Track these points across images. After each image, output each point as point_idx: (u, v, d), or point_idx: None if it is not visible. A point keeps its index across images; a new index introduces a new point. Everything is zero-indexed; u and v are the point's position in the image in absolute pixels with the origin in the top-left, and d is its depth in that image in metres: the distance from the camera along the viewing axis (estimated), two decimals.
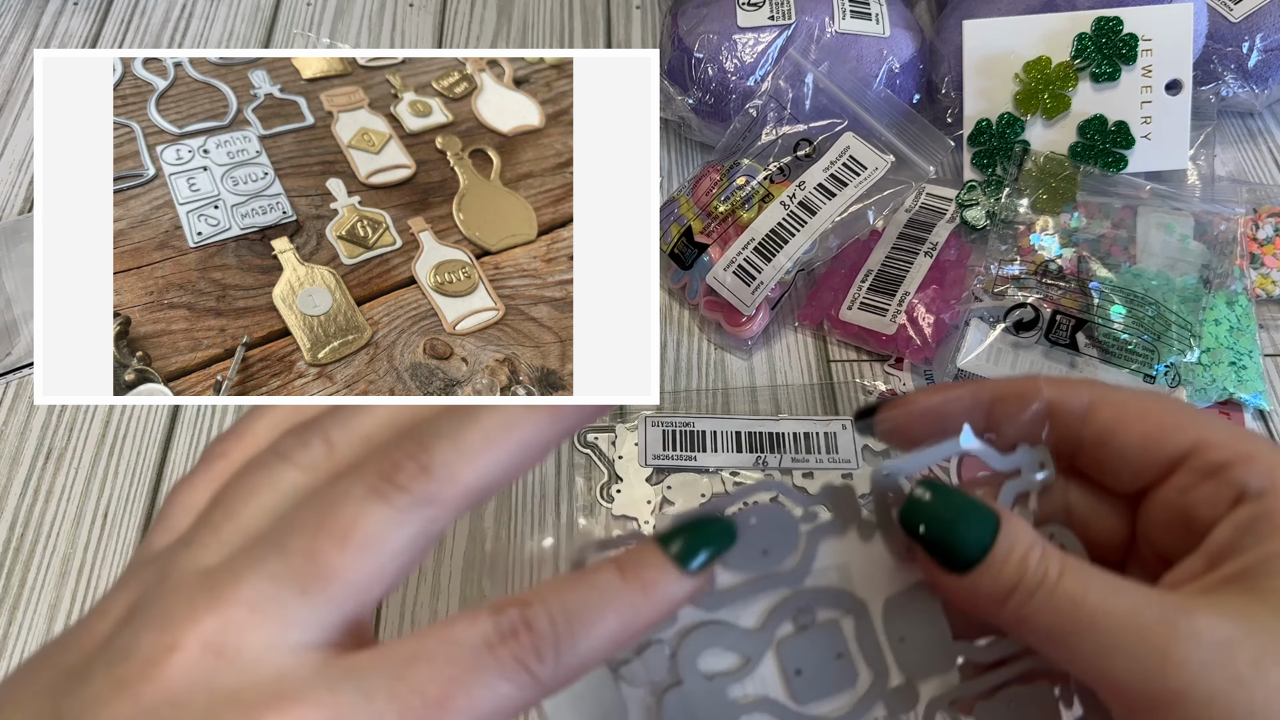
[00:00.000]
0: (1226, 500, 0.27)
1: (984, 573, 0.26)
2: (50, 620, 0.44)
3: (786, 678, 0.29)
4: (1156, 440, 0.28)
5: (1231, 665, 0.23)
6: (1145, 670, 0.24)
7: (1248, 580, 0.25)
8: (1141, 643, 0.24)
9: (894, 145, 0.53)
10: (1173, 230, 0.53)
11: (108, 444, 0.49)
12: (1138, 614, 0.24)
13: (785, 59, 0.57)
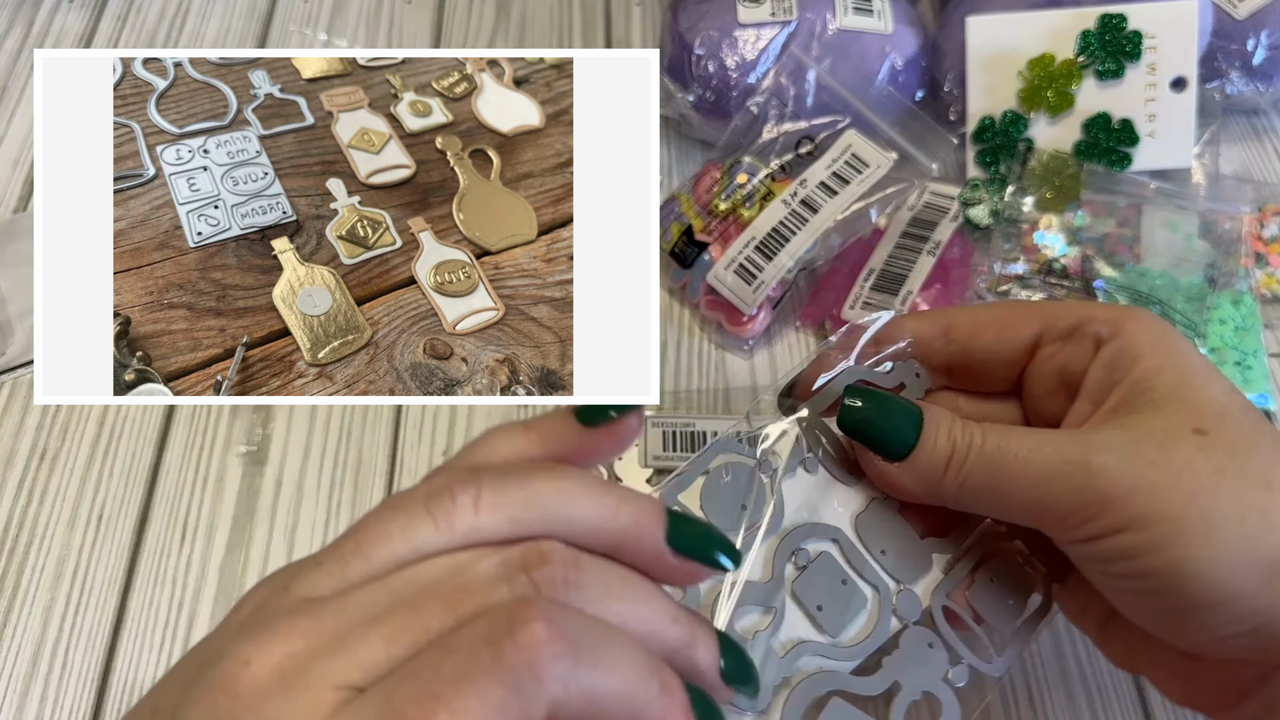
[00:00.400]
0: (1088, 351, 0.31)
1: (921, 453, 0.30)
2: (44, 622, 0.43)
3: (811, 616, 0.31)
4: (1008, 333, 0.32)
5: (1143, 455, 0.27)
6: (1074, 486, 0.27)
7: (1130, 401, 0.29)
8: (1065, 465, 0.28)
9: (897, 143, 0.53)
10: (1178, 229, 0.53)
11: (102, 445, 0.49)
12: (1057, 447, 0.28)
13: (787, 56, 0.57)
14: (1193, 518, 0.26)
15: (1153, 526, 0.27)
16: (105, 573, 0.45)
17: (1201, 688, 0.31)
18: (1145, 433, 0.28)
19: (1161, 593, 0.28)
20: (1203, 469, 0.27)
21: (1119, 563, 0.28)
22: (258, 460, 0.48)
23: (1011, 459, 0.29)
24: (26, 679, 0.42)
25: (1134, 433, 0.28)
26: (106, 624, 0.44)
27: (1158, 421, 0.28)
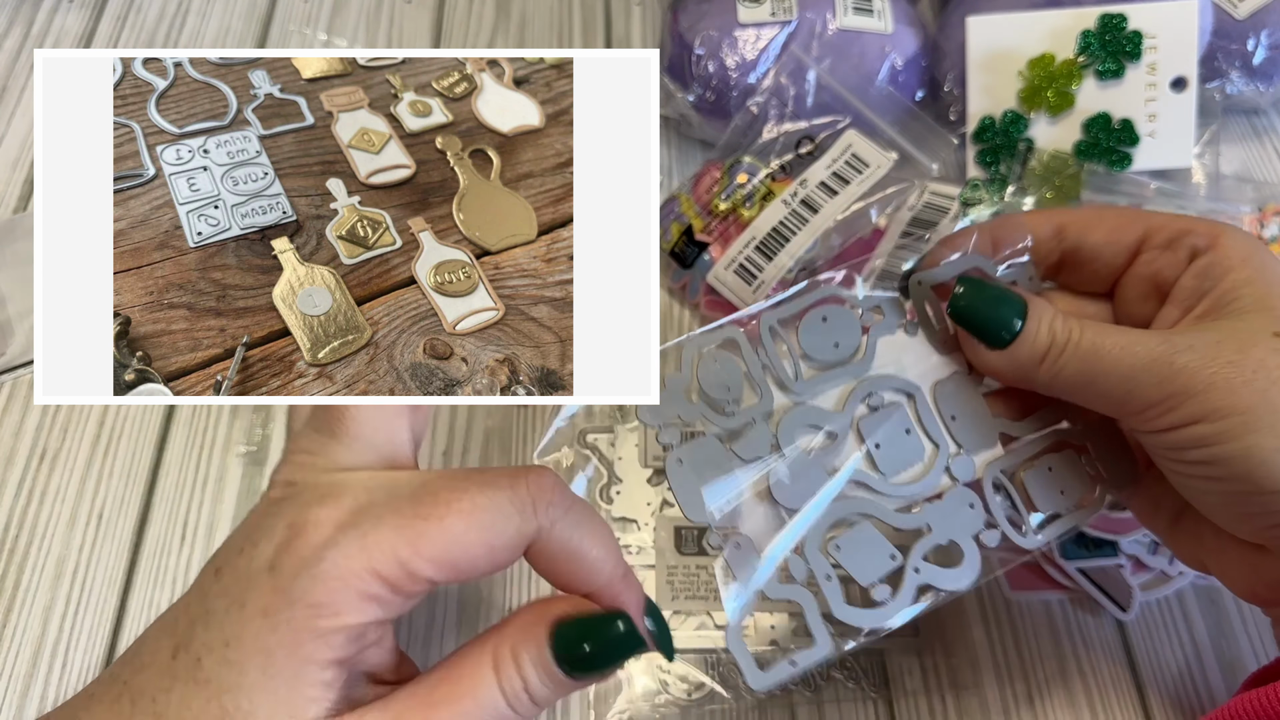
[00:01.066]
0: (1182, 261, 0.33)
1: (1022, 343, 0.33)
2: (44, 622, 0.43)
3: (868, 451, 0.35)
4: (1116, 235, 0.35)
5: (1222, 355, 0.30)
6: (1158, 380, 0.30)
7: (1216, 309, 0.32)
8: (1152, 362, 0.30)
9: (897, 143, 0.53)
10: None
11: (102, 445, 0.49)
12: (1146, 346, 0.31)
13: (787, 55, 0.57)
14: (1263, 410, 0.29)
15: (1227, 418, 0.29)
16: (105, 572, 0.45)
17: (1263, 578, 0.33)
18: (1228, 335, 0.31)
19: (1231, 479, 0.30)
20: (1277, 368, 0.30)
21: (1194, 450, 0.31)
22: (258, 460, 0.48)
23: (1105, 354, 0.31)
24: (27, 678, 0.42)
25: (1217, 335, 0.31)
26: (106, 624, 0.44)
27: (1240, 324, 0.31)
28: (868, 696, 0.42)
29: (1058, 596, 0.44)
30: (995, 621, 0.44)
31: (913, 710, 0.42)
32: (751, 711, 0.41)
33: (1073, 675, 0.42)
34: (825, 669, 0.42)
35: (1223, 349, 0.30)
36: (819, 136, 0.54)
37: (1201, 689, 0.42)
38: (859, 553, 0.34)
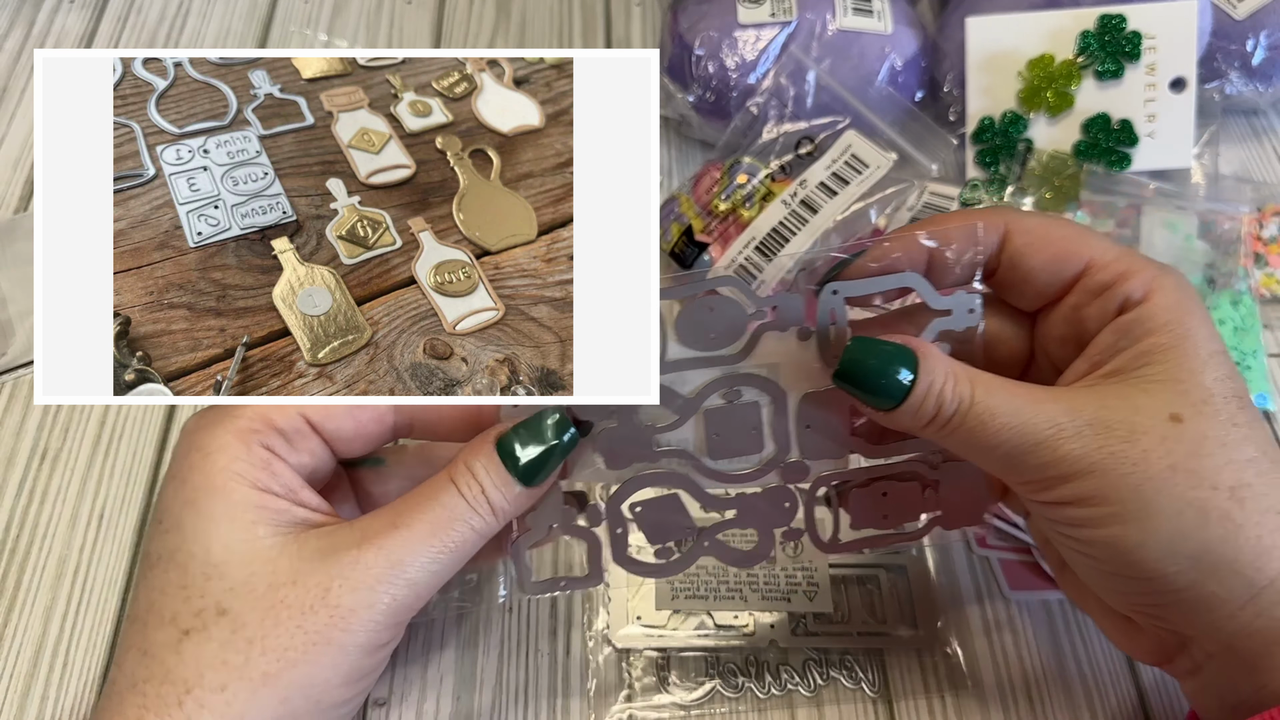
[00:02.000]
0: (1111, 313, 0.32)
1: (907, 409, 0.31)
2: (45, 621, 0.43)
3: (706, 437, 0.35)
4: (1058, 263, 0.33)
5: (1109, 441, 0.29)
6: (1041, 461, 0.30)
7: (1125, 370, 0.31)
8: (1037, 445, 0.30)
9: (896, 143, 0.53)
10: (1177, 229, 0.53)
11: (103, 445, 0.49)
12: (1034, 424, 0.30)
13: (786, 56, 0.57)
14: (1134, 505, 0.29)
15: (1099, 505, 0.30)
16: (106, 572, 0.45)
17: (1138, 645, 0.34)
18: (1122, 416, 0.30)
19: (1100, 560, 0.31)
20: (1158, 463, 0.29)
21: (1067, 527, 0.31)
22: None
23: (993, 424, 0.30)
24: (28, 678, 0.42)
25: (1112, 414, 0.30)
26: (107, 624, 0.44)
27: (1140, 401, 0.30)
28: (867, 696, 0.42)
29: (1057, 596, 0.44)
30: (995, 621, 0.44)
31: (912, 710, 0.42)
32: (751, 712, 0.41)
33: (1072, 675, 0.42)
34: (825, 669, 0.42)
35: (1112, 434, 0.30)
36: (819, 137, 0.54)
37: None
38: (658, 515, 0.36)
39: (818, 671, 0.42)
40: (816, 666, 0.42)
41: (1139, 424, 0.30)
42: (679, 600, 0.44)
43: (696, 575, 0.44)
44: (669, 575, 0.38)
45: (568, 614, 0.44)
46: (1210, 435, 0.30)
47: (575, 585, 0.36)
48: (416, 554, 0.30)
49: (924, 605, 0.44)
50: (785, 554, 0.44)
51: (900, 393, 0.31)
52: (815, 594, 0.44)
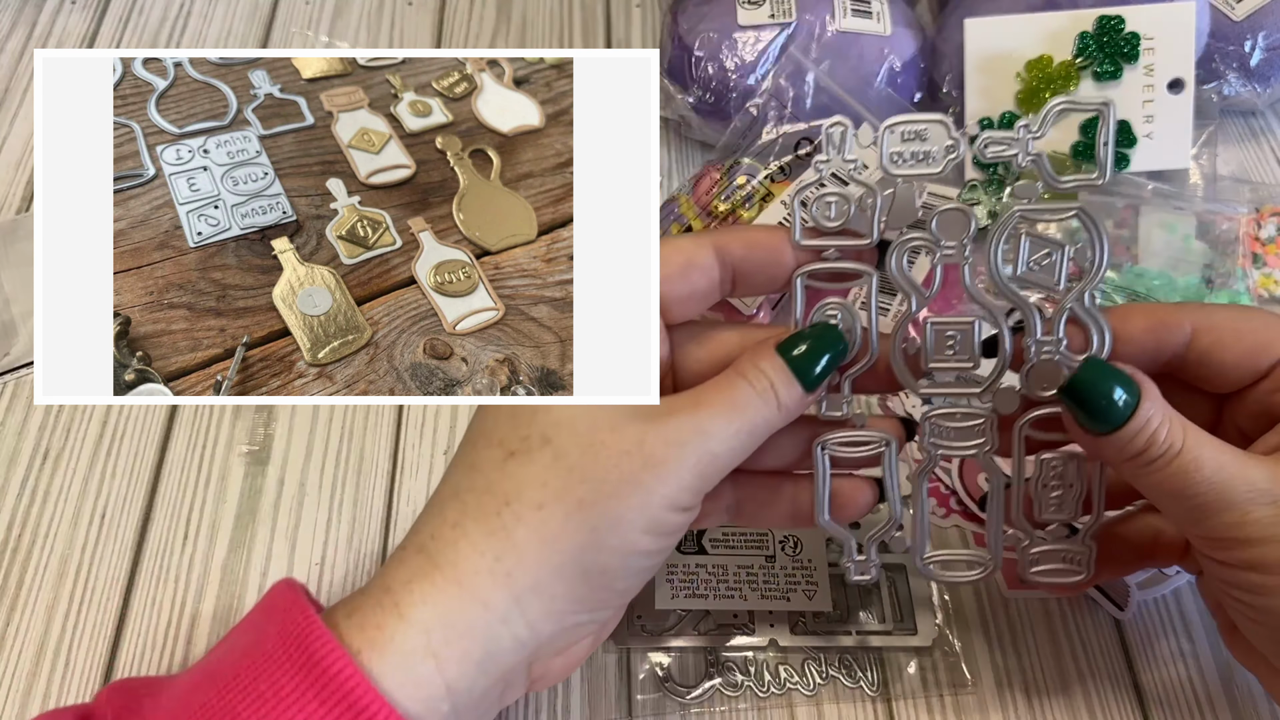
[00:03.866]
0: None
1: (1121, 437, 0.32)
2: (47, 621, 0.44)
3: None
4: (1250, 358, 0.34)
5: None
6: (1232, 522, 0.31)
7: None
8: (1230, 506, 0.31)
9: None
10: (1175, 230, 0.53)
11: (105, 444, 0.49)
12: (1232, 483, 0.31)
13: (786, 57, 0.57)
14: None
15: (1275, 574, 0.31)
16: (108, 572, 0.45)
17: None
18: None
19: (1272, 627, 0.32)
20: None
21: (1243, 592, 0.32)
22: (260, 460, 0.49)
23: (1197, 474, 0.31)
24: (29, 678, 0.42)
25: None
26: (109, 623, 0.44)
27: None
28: (867, 696, 0.42)
29: (1057, 596, 0.45)
30: (993, 621, 0.44)
31: (912, 710, 0.42)
32: (750, 710, 0.41)
33: (1070, 674, 0.42)
34: (824, 668, 0.42)
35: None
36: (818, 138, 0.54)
37: (1199, 687, 0.42)
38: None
39: (817, 670, 0.42)
40: (816, 665, 0.42)
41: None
42: (679, 599, 0.44)
43: (696, 574, 0.44)
44: None
45: None
46: None
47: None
48: (718, 426, 0.31)
49: (923, 604, 0.44)
50: (785, 553, 0.45)
51: (1120, 418, 0.31)
52: (815, 593, 0.44)
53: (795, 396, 0.33)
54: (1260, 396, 0.34)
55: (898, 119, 0.34)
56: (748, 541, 0.45)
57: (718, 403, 0.32)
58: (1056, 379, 0.34)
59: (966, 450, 0.35)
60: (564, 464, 0.31)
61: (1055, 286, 0.34)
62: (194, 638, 0.43)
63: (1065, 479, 0.36)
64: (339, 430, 0.49)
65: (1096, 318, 0.34)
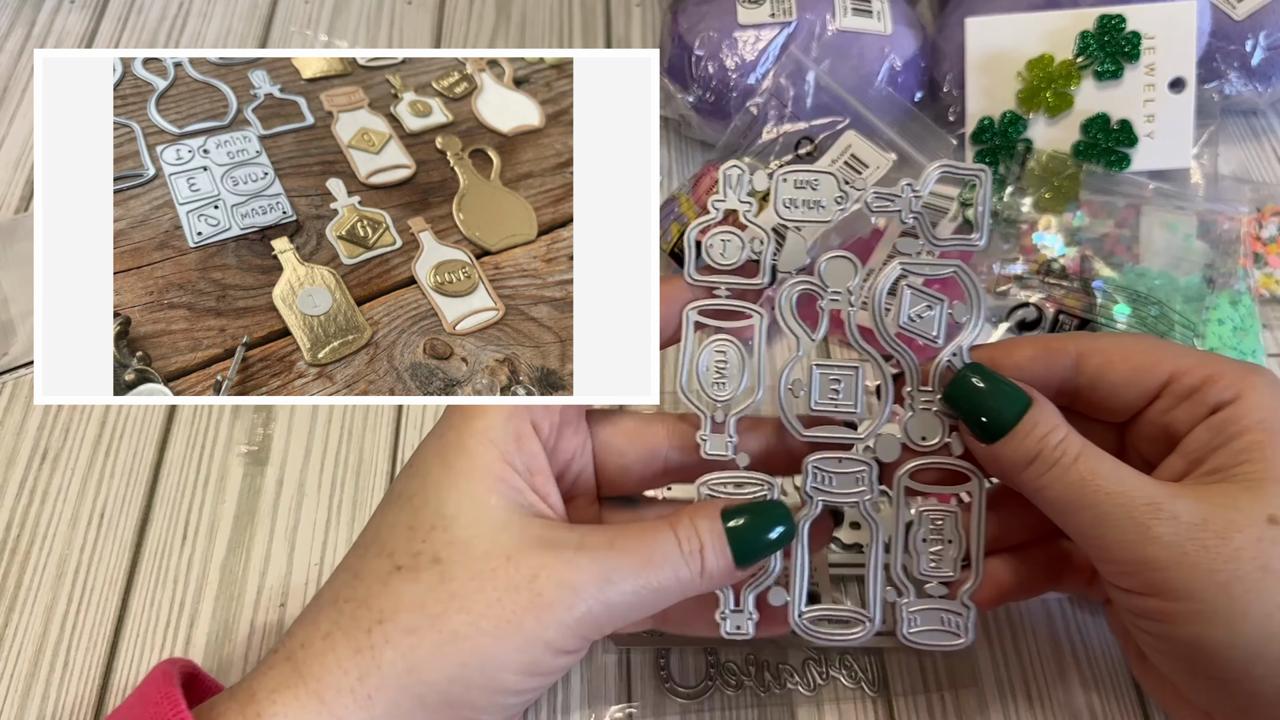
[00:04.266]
0: (1201, 415, 0.32)
1: (1008, 443, 0.32)
2: (46, 621, 0.43)
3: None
4: (1137, 378, 0.33)
5: (1202, 535, 0.29)
6: (1130, 540, 0.30)
7: (1223, 469, 0.31)
8: (1130, 519, 0.30)
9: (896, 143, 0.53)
10: (1176, 229, 0.53)
11: (104, 445, 0.49)
12: (1131, 496, 0.30)
13: (786, 57, 0.57)
14: (1222, 604, 0.29)
15: (1183, 601, 0.29)
16: (107, 572, 0.45)
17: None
18: (1217, 512, 0.29)
19: (1179, 657, 0.31)
20: (1250, 563, 0.29)
21: (1150, 623, 0.31)
22: (259, 460, 0.49)
23: (1089, 491, 0.30)
24: (28, 678, 0.42)
25: (1207, 509, 0.29)
26: (108, 623, 0.44)
27: (1239, 499, 0.30)
28: (867, 696, 0.42)
29: (1057, 595, 0.44)
30: (994, 621, 0.44)
31: (912, 710, 0.42)
32: (751, 710, 0.41)
33: (1071, 674, 0.42)
34: (824, 668, 0.42)
35: (1206, 527, 0.29)
36: (818, 137, 0.54)
37: None
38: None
39: (817, 670, 0.42)
40: (816, 665, 0.42)
41: (1234, 521, 0.29)
42: None
43: None
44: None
45: None
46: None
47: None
48: (624, 578, 0.30)
49: None
50: None
51: (1008, 420, 0.31)
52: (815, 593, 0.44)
53: (723, 568, 0.32)
54: (1155, 418, 0.34)
55: (790, 170, 0.36)
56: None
57: (633, 551, 0.31)
58: (935, 430, 0.34)
59: (847, 499, 0.35)
60: (447, 589, 0.29)
61: (934, 339, 0.34)
62: (193, 638, 0.43)
63: (944, 534, 0.36)
64: (338, 430, 0.49)
65: (969, 369, 0.34)
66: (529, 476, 0.32)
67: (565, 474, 0.35)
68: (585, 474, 0.36)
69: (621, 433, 0.36)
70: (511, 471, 0.31)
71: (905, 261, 0.35)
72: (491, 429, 0.32)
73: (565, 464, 0.35)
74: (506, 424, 0.32)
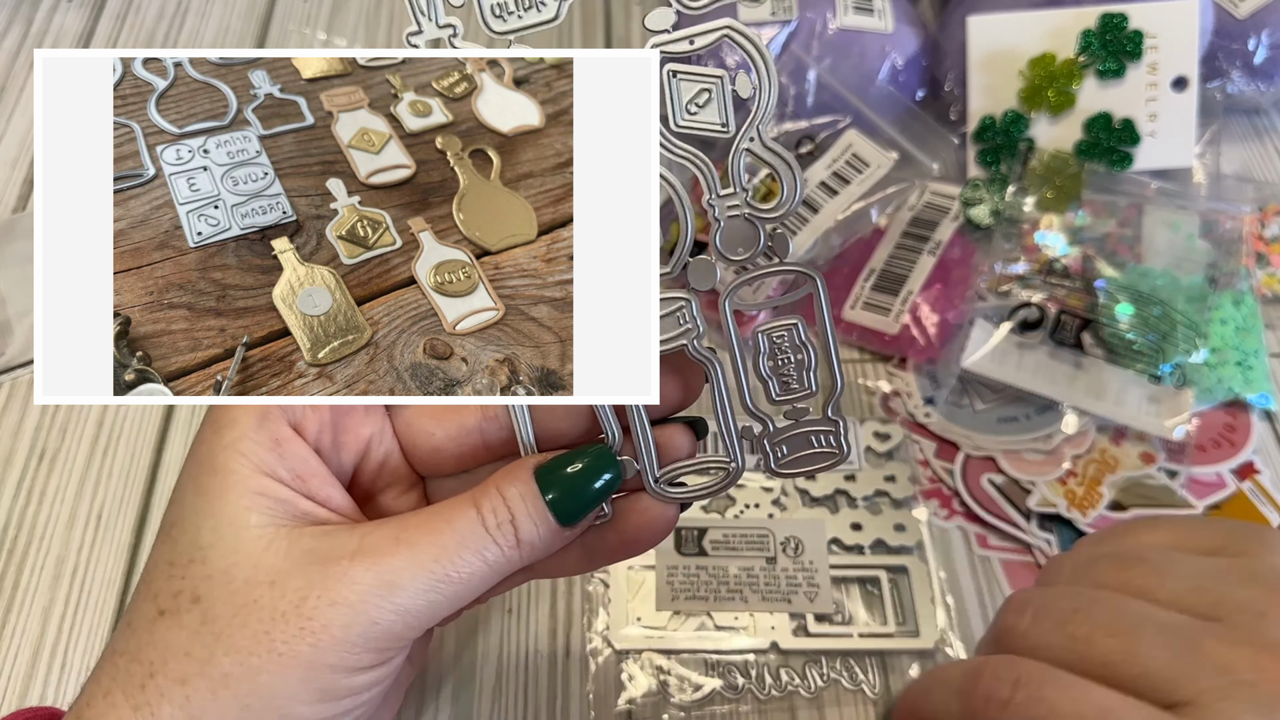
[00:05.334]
0: None
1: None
2: (43, 622, 0.43)
3: None
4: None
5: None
6: None
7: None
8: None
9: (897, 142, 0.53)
10: (1179, 229, 0.52)
11: (101, 445, 0.49)
12: None
13: (787, 55, 0.57)
14: None
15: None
16: (104, 573, 0.45)
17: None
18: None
19: None
20: None
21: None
22: None
23: None
24: (26, 679, 0.42)
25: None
26: (106, 624, 0.44)
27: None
28: (868, 698, 0.42)
29: None
30: None
31: None
32: (751, 713, 0.41)
33: None
34: (825, 670, 0.42)
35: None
36: (819, 136, 0.54)
37: None
38: None
39: (818, 673, 0.42)
40: (816, 668, 0.42)
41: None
42: (679, 601, 0.43)
43: (696, 576, 0.44)
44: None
45: (567, 615, 0.44)
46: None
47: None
48: (415, 578, 0.27)
49: (924, 606, 0.44)
50: (785, 555, 0.44)
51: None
52: (815, 594, 0.44)
53: (545, 535, 0.29)
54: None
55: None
56: (749, 543, 0.45)
57: (423, 544, 0.27)
58: (753, 239, 0.30)
59: (673, 344, 0.31)
60: (211, 629, 0.27)
61: (723, 128, 0.29)
62: None
63: (791, 347, 0.32)
64: None
65: (782, 154, 0.29)
66: (299, 482, 0.29)
67: (365, 465, 0.32)
68: (394, 459, 0.32)
69: (425, 410, 0.32)
70: (273, 483, 0.28)
71: (660, 41, 0.28)
72: (241, 440, 0.28)
73: (360, 454, 0.32)
74: (259, 431, 0.29)
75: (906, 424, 0.50)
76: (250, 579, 0.27)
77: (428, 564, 0.27)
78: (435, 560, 0.27)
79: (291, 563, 0.27)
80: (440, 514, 0.28)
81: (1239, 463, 0.48)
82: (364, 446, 0.32)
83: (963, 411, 0.50)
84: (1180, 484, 0.47)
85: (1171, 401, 0.49)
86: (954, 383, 0.50)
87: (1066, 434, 0.48)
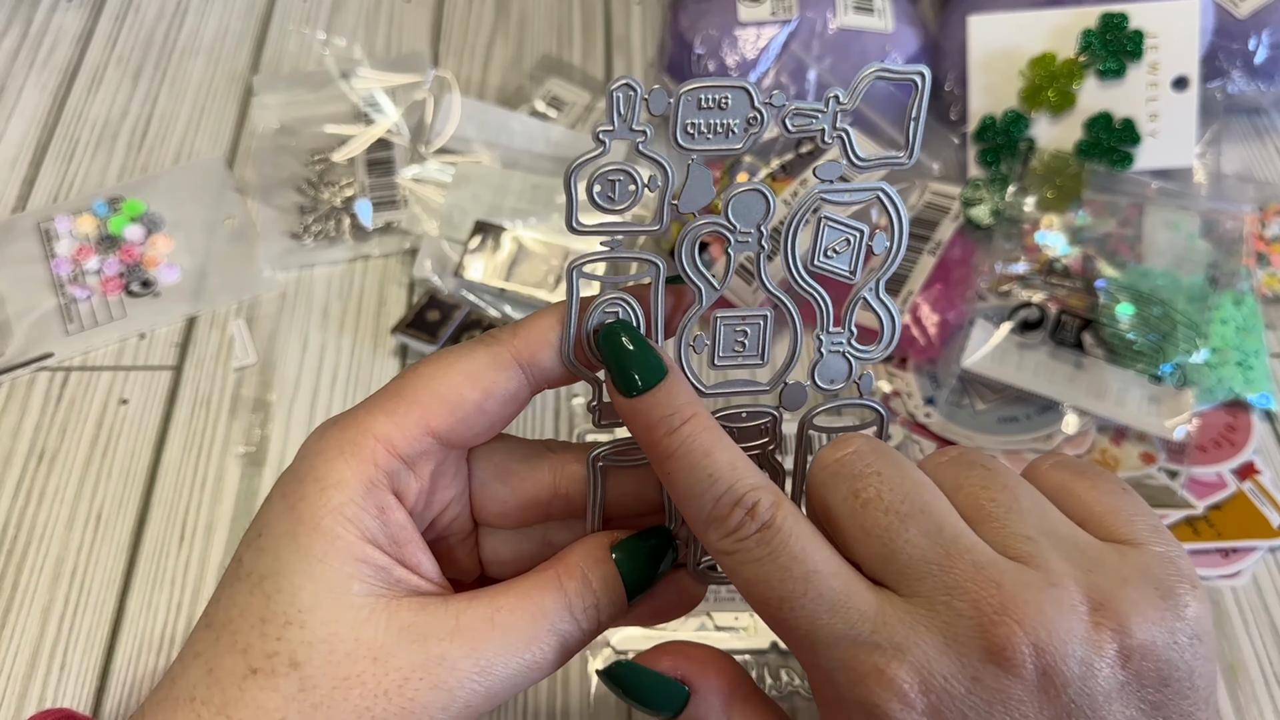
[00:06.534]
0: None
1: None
2: (43, 623, 0.43)
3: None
4: None
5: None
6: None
7: None
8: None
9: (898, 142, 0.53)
10: (1179, 228, 0.52)
11: (100, 446, 0.49)
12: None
13: (787, 55, 0.57)
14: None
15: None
16: (104, 573, 0.45)
17: None
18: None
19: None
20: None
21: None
22: (256, 461, 0.48)
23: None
24: (25, 679, 0.42)
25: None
26: (105, 624, 0.43)
27: None
28: None
29: None
30: None
31: None
32: None
33: None
34: None
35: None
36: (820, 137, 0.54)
37: None
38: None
39: None
40: None
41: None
42: None
43: None
44: None
45: None
46: None
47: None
48: (507, 664, 0.28)
49: None
50: None
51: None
52: None
53: (614, 616, 0.29)
54: None
55: (696, 83, 0.28)
56: None
57: (514, 629, 0.28)
58: (843, 374, 0.31)
59: (751, 451, 0.31)
60: (310, 698, 0.27)
61: (849, 274, 0.30)
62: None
63: None
64: None
65: (890, 307, 0.30)
66: (396, 549, 0.29)
67: (437, 523, 0.32)
68: (462, 517, 0.33)
69: (501, 476, 0.32)
70: (374, 550, 0.28)
71: (824, 189, 0.30)
72: (349, 505, 0.28)
73: (438, 516, 0.32)
74: (366, 498, 0.28)
75: (907, 424, 0.50)
76: (352, 652, 0.27)
77: (519, 649, 0.28)
78: (526, 646, 0.28)
79: (393, 639, 0.27)
80: (531, 597, 0.29)
81: (1239, 463, 0.48)
82: (444, 508, 0.32)
83: (963, 412, 0.50)
84: (1180, 484, 0.47)
85: (1172, 401, 0.49)
86: (954, 383, 0.50)
87: (1067, 434, 0.48)
